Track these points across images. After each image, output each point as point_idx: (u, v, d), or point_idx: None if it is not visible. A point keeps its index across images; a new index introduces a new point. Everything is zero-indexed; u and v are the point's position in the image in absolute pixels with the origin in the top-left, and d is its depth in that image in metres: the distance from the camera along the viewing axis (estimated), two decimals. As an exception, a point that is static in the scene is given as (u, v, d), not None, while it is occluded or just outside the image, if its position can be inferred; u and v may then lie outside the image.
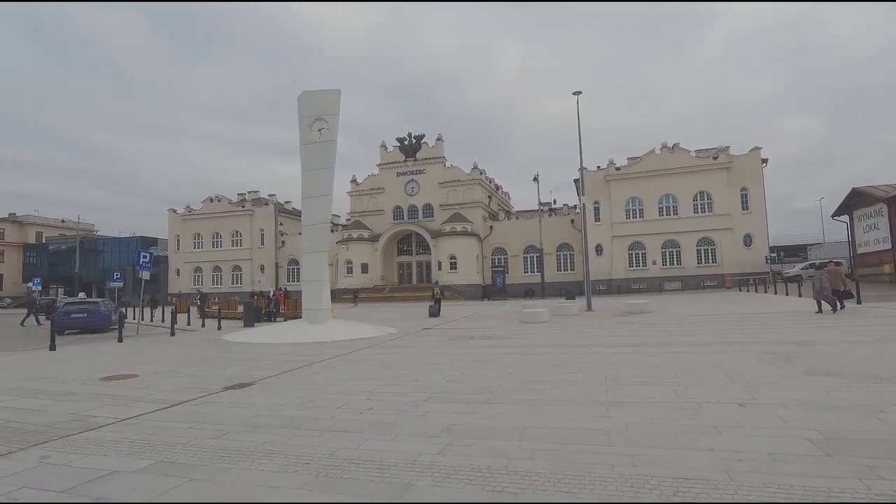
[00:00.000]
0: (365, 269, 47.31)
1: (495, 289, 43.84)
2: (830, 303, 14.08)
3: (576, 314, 18.87)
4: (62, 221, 71.89)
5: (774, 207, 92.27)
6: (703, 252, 40.35)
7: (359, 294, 41.31)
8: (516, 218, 50.27)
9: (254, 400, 6.00)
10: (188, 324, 20.42)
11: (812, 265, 36.36)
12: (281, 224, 54.24)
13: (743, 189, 39.70)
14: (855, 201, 33.42)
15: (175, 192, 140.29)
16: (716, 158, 40.59)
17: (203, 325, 19.97)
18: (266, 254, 53.41)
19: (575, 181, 44.87)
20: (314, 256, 15.65)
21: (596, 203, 42.11)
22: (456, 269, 44.11)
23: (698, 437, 3.91)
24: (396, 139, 50.03)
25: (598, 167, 43.46)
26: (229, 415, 5.28)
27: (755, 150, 40.02)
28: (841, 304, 14.23)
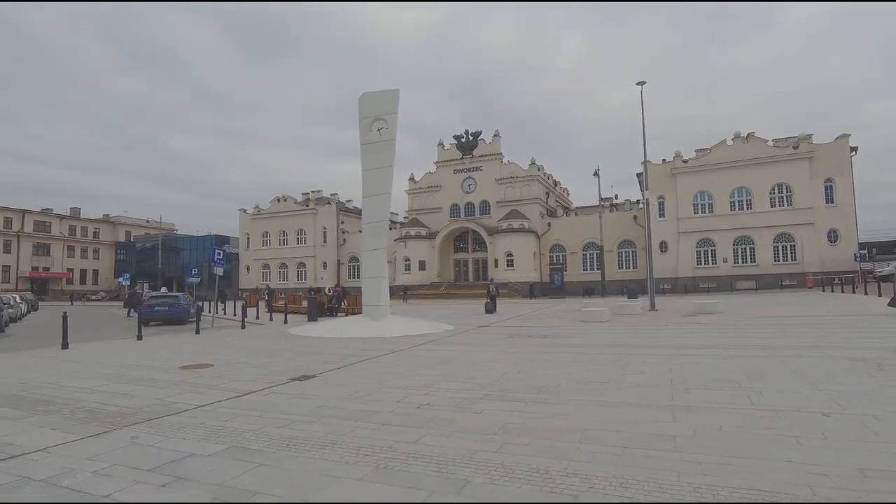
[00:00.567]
0: (422, 266, 47.94)
1: (553, 287, 43.04)
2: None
3: (638, 314, 18.18)
4: (147, 221, 78.10)
5: (864, 200, 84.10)
6: (780, 249, 37.61)
7: (409, 291, 41.90)
8: (575, 214, 49.14)
9: (317, 391, 6.24)
10: (257, 318, 21.59)
11: (910, 263, 32.92)
12: (342, 222, 56.20)
13: (827, 180, 36.53)
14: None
15: (246, 192, 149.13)
16: (796, 147, 37.61)
17: (270, 319, 21.04)
18: (328, 251, 55.48)
19: (638, 175, 43.24)
20: (373, 254, 16.05)
21: (661, 198, 40.35)
22: (513, 266, 43.76)
23: (776, 448, 3.64)
24: (453, 137, 50.29)
25: (664, 160, 41.57)
26: (295, 405, 5.52)
27: (842, 137, 36.70)
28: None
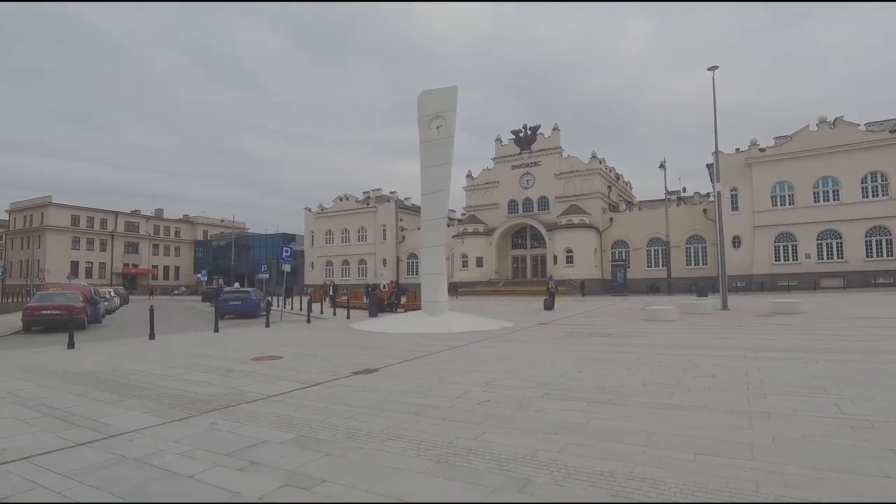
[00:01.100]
0: (480, 262, 47.87)
1: (615, 284, 41.58)
2: None
3: (709, 313, 17.22)
4: (221, 221, 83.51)
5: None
6: (873, 243, 34.24)
7: (462, 288, 41.86)
8: (639, 209, 47.13)
9: (379, 385, 6.41)
10: (321, 312, 22.49)
11: None
12: (401, 220, 57.27)
13: (931, 167, 32.86)
14: None
15: (310, 192, 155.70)
16: (893, 132, 34.03)
17: (334, 314, 21.84)
18: (388, 248, 56.73)
19: (708, 166, 40.84)
20: (432, 251, 16.24)
21: (733, 190, 37.86)
22: (572, 262, 42.76)
23: (869, 462, 3.33)
24: (511, 132, 49.77)
25: (737, 149, 38.97)
26: (358, 398, 5.70)
27: (949, 118, 32.85)
28: None
